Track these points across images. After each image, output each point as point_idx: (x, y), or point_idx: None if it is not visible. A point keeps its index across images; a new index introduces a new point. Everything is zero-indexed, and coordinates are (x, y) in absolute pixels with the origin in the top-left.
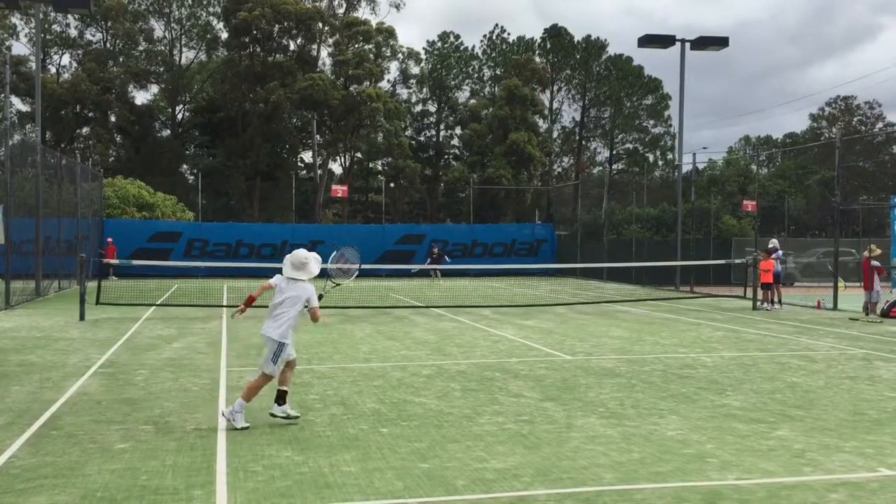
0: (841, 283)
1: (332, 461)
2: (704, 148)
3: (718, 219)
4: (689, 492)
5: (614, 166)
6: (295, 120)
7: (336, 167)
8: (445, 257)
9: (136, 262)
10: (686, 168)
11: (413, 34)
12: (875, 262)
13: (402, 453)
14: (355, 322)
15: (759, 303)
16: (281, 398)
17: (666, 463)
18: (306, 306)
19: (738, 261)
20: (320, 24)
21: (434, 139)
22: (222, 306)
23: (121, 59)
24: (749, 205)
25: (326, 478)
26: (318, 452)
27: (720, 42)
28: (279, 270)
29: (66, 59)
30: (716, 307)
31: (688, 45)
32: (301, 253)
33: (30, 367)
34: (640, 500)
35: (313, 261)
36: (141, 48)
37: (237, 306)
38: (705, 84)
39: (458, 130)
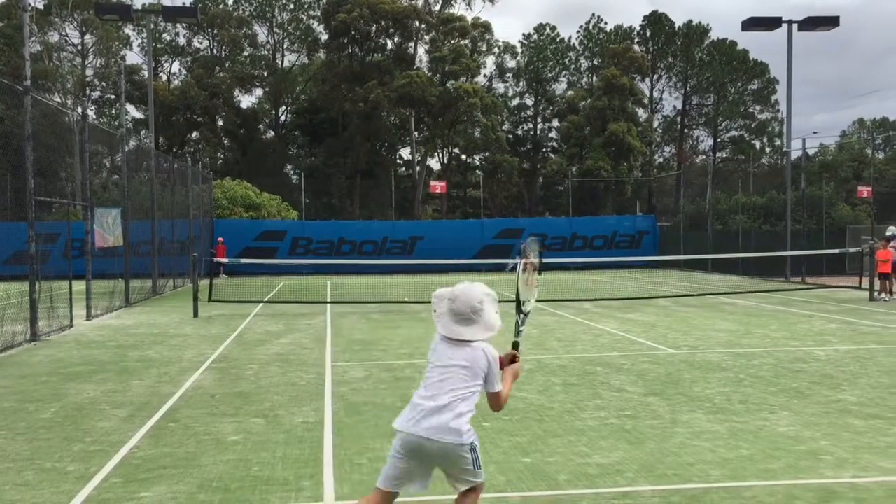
0: None
1: None
2: (815, 133)
3: (831, 206)
4: (801, 489)
5: (718, 154)
6: (393, 118)
7: (434, 163)
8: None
9: (244, 261)
10: (795, 154)
11: (509, 27)
12: None
13: (504, 447)
14: None
15: (876, 293)
16: None
17: (776, 460)
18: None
19: (853, 250)
20: (416, 22)
21: (531, 132)
22: (326, 303)
23: (227, 65)
24: (864, 191)
25: None
26: None
27: (830, 22)
28: (380, 267)
29: (175, 67)
30: (829, 298)
31: (795, 26)
32: (469, 293)
33: (148, 363)
34: (749, 497)
35: (489, 302)
36: (245, 53)
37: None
38: (819, 65)
39: (555, 123)
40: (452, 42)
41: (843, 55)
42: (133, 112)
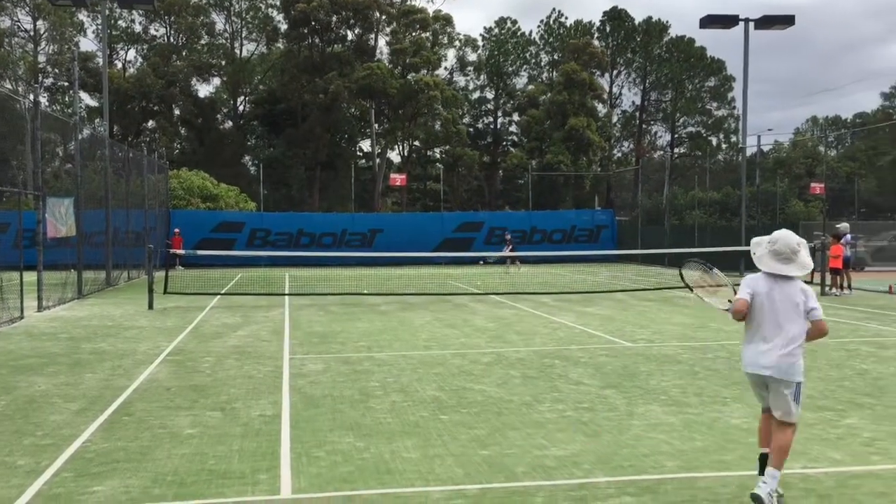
0: None
1: (392, 448)
2: (770, 130)
3: (785, 202)
4: (753, 480)
5: (676, 150)
6: (353, 109)
7: (394, 156)
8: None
9: (201, 252)
10: (751, 151)
11: (470, 21)
12: None
13: (463, 440)
14: (414, 310)
15: (827, 288)
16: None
17: (730, 451)
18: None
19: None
20: (377, 13)
21: (492, 126)
22: (284, 295)
23: (184, 53)
24: (817, 187)
25: (388, 464)
26: (380, 439)
27: (786, 21)
28: (339, 259)
29: (131, 54)
30: None
31: (752, 24)
32: (788, 237)
33: (102, 355)
34: (702, 488)
35: (804, 247)
36: (203, 42)
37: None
38: (775, 63)
39: (515, 117)
40: (413, 34)
41: (799, 54)
42: (87, 100)
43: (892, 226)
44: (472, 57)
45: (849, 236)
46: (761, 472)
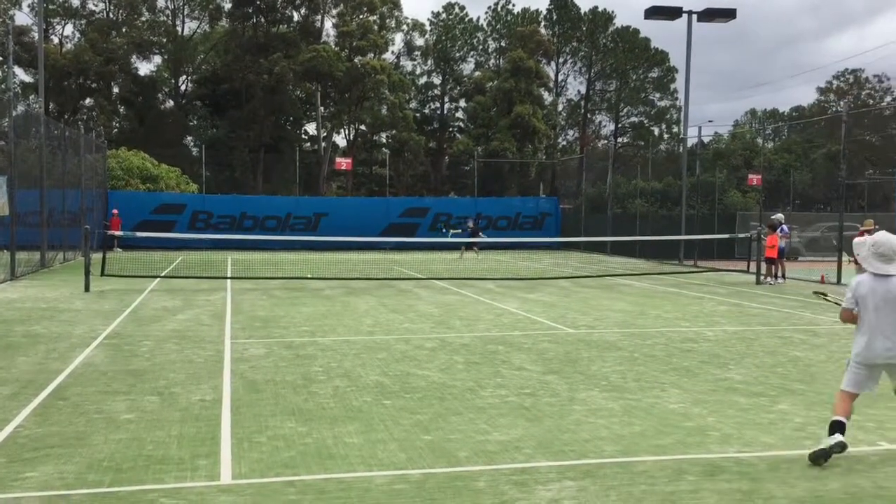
0: (846, 258)
1: (335, 433)
2: (710, 121)
3: (723, 193)
4: (689, 464)
5: (619, 140)
6: (299, 92)
7: (340, 140)
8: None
9: (140, 234)
10: (691, 142)
11: (418, 5)
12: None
13: (405, 425)
14: (359, 295)
15: (762, 277)
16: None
17: (667, 436)
18: None
19: (742, 235)
20: None
21: (438, 112)
22: (226, 278)
23: (124, 30)
24: (754, 179)
25: (330, 449)
26: (322, 424)
27: (728, 14)
28: (283, 243)
29: (69, 30)
30: (719, 281)
31: (695, 17)
32: (890, 241)
33: (35, 338)
34: (640, 472)
35: None
36: (144, 18)
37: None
38: (718, 56)
39: (462, 103)
40: (360, 17)
41: (740, 48)
42: (21, 75)
43: (825, 217)
44: (419, 42)
45: (784, 227)
46: (831, 433)
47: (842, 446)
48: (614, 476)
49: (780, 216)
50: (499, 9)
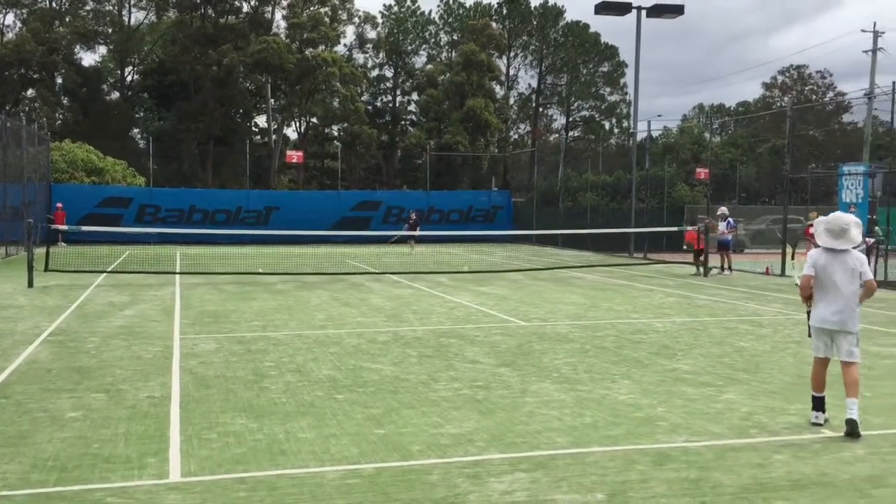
0: (790, 250)
1: (287, 428)
2: (659, 116)
3: (672, 186)
4: (639, 454)
5: (570, 133)
6: (249, 84)
7: (291, 133)
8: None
9: (85, 228)
10: (641, 135)
11: None
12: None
13: (358, 419)
14: (311, 289)
15: (696, 268)
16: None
17: (617, 427)
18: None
19: (689, 228)
20: None
21: (391, 105)
22: (175, 273)
23: (67, 19)
24: (702, 172)
25: (282, 445)
26: (274, 419)
27: (676, 10)
28: (234, 237)
29: (9, 19)
30: (668, 273)
31: (644, 12)
32: (840, 218)
33: None
34: (591, 462)
35: (854, 226)
36: (88, 7)
37: (192, 273)
38: (666, 51)
39: (414, 96)
40: (311, 9)
41: (688, 43)
42: None
43: (769, 210)
44: (371, 34)
45: (731, 220)
46: (815, 409)
47: (825, 420)
48: (566, 467)
49: (723, 210)
50: (451, 2)
